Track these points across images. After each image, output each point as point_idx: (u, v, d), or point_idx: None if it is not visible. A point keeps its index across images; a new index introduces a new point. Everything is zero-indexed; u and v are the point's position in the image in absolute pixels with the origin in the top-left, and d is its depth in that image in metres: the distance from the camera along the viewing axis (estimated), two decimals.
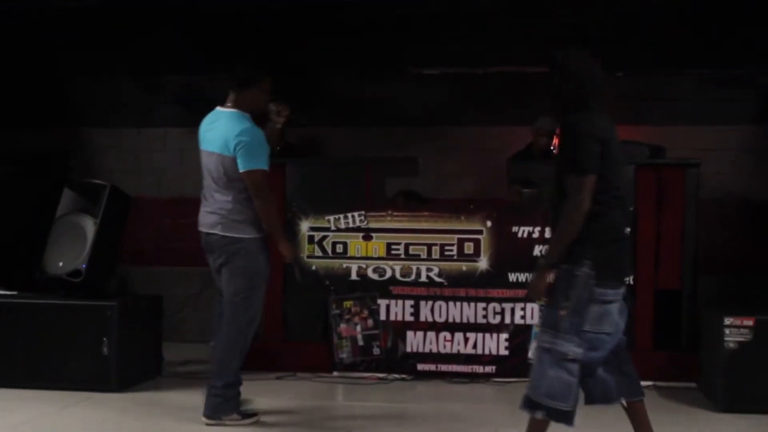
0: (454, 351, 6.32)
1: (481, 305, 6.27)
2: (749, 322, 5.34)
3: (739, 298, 7.18)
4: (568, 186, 3.82)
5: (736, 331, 5.35)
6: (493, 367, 6.28)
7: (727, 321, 5.37)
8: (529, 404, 3.91)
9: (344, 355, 6.42)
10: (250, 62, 5.09)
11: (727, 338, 5.35)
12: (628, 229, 5.87)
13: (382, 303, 6.41)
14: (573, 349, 3.83)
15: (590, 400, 4.07)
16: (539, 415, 3.89)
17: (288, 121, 5.37)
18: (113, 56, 8.02)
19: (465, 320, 6.32)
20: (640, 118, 7.70)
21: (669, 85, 7.88)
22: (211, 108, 5.10)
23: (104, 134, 8.49)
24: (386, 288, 6.42)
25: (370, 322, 6.41)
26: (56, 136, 8.42)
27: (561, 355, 3.84)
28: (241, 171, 4.82)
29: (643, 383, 5.95)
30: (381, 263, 6.45)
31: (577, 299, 3.81)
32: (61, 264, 5.93)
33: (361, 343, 6.42)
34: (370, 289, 6.43)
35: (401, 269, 6.43)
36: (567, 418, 3.88)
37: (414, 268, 6.42)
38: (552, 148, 7.51)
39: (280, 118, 5.27)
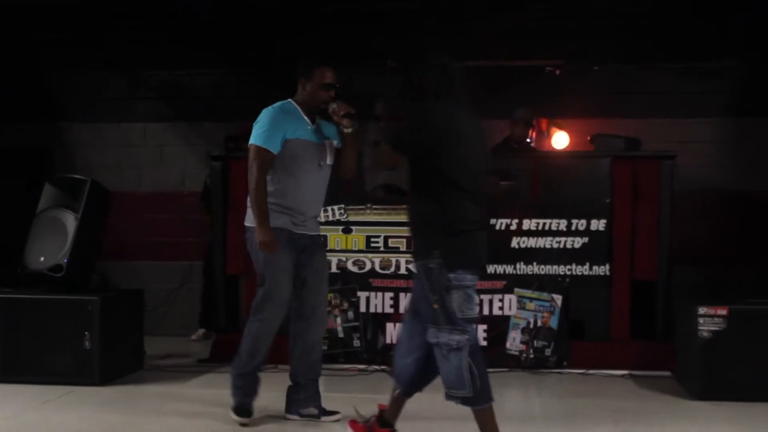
0: None
1: None
2: (723, 312, 5.42)
3: (714, 288, 7.26)
4: None
5: (710, 320, 5.42)
6: None
7: (701, 310, 5.44)
8: (447, 396, 4.06)
9: (325, 347, 6.43)
10: (307, 53, 5.04)
11: (701, 327, 5.42)
12: (491, 221, 6.16)
13: (362, 295, 6.47)
14: (455, 338, 3.96)
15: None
16: (457, 403, 4.03)
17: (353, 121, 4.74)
18: (93, 51, 8.01)
19: None
20: (617, 111, 7.77)
21: (646, 79, 7.94)
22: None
23: (84, 129, 8.50)
24: (366, 280, 6.47)
25: (350, 314, 6.45)
26: (37, 132, 8.41)
27: (446, 346, 3.98)
28: None
29: (620, 372, 6.15)
30: (361, 256, 6.50)
31: (439, 290, 3.96)
32: (42, 259, 5.92)
33: (341, 335, 6.47)
34: (350, 282, 6.48)
35: (381, 262, 6.48)
36: (473, 402, 4.00)
37: (393, 260, 6.47)
38: (528, 139, 7.57)
39: (342, 120, 4.71)
